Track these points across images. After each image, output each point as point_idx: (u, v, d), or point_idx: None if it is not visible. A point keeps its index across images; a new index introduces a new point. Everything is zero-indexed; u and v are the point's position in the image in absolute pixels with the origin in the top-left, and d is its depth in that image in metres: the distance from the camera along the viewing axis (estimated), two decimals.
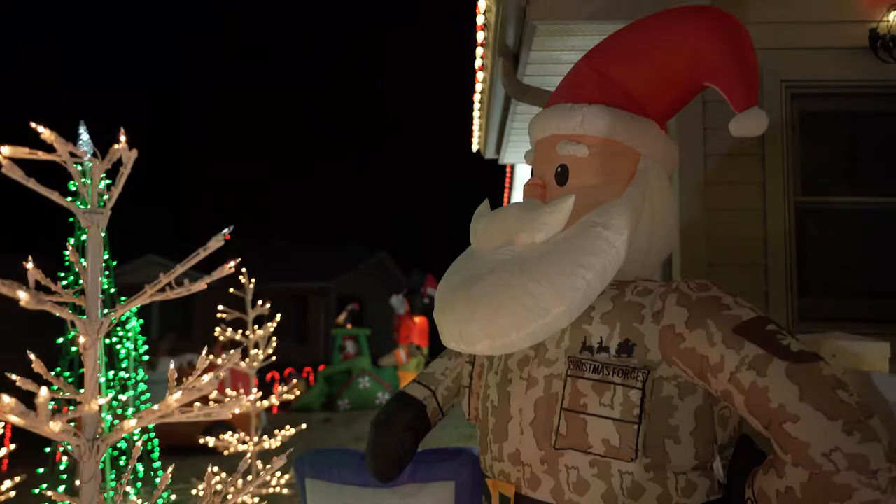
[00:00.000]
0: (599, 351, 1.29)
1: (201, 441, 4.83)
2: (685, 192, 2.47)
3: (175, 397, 0.81)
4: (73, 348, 4.73)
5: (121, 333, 5.13)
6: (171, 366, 0.95)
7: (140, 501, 4.04)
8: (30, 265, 0.80)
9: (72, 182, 3.75)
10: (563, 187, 1.42)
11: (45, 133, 0.83)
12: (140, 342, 5.34)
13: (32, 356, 0.91)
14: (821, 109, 2.54)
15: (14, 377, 0.92)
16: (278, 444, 4.44)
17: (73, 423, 0.83)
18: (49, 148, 0.87)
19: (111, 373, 4.80)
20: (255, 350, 4.48)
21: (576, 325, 1.33)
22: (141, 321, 5.34)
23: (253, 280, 4.58)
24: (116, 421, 4.50)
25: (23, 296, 0.73)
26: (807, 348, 1.15)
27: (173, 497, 5.05)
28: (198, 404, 0.87)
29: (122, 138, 0.87)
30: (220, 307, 4.54)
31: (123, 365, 5.12)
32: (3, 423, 2.10)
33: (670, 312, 1.25)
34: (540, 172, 1.48)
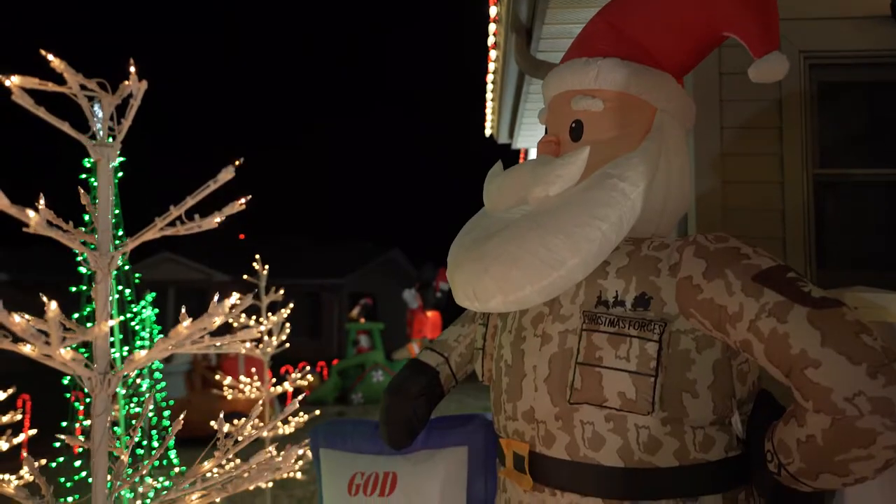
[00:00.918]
0: (615, 305, 1.26)
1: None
2: (701, 164, 2.43)
3: (185, 324, 0.80)
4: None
5: (136, 323, 5.16)
6: (186, 357, 0.95)
7: (158, 482, 4.06)
8: (41, 204, 0.80)
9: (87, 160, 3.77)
10: (578, 143, 1.40)
11: (54, 62, 0.83)
12: (156, 331, 5.38)
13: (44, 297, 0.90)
14: (840, 80, 2.49)
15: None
16: (292, 430, 4.46)
17: (85, 353, 0.83)
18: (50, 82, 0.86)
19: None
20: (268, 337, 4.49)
21: (591, 280, 1.31)
22: (156, 310, 5.38)
23: (266, 267, 4.59)
24: (136, 409, 4.51)
25: (32, 215, 0.72)
26: (829, 295, 1.12)
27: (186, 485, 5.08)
28: (208, 336, 0.86)
29: (132, 69, 0.86)
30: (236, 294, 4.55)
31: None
32: (21, 413, 2.12)
33: (688, 264, 1.23)
34: (554, 129, 1.46)
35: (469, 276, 1.37)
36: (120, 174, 3.87)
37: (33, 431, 2.46)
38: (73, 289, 4.65)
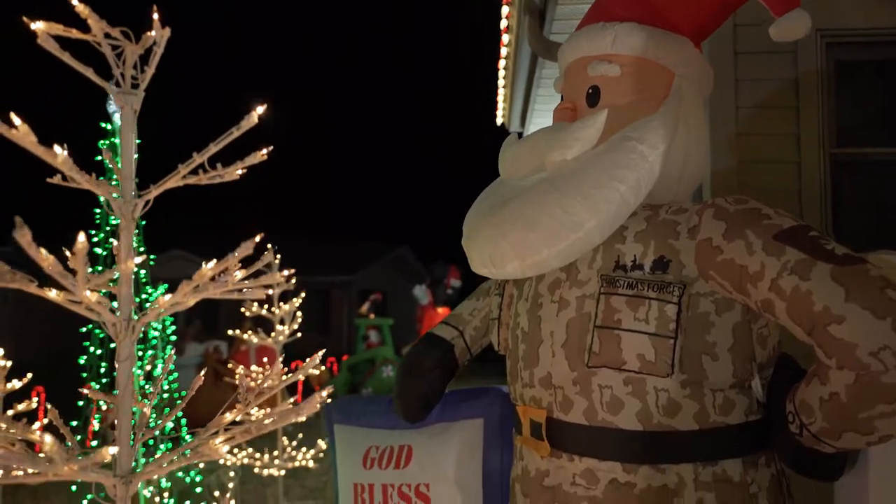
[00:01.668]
0: (633, 269, 1.26)
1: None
2: (717, 144, 2.41)
3: (209, 266, 0.80)
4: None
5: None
6: (197, 350, 0.96)
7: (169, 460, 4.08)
8: (63, 152, 0.80)
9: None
10: (595, 109, 1.39)
11: (78, 6, 0.83)
12: (168, 321, 5.41)
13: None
14: (857, 59, 2.47)
15: None
16: (304, 419, 4.48)
17: (112, 299, 0.83)
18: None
19: (140, 352, 4.87)
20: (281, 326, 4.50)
21: (608, 245, 1.30)
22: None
23: (279, 256, 4.60)
24: (143, 399, 4.53)
25: (59, 152, 0.73)
26: (852, 253, 1.11)
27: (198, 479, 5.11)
28: (231, 281, 0.86)
29: (156, 16, 0.86)
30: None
31: (153, 343, 5.18)
32: (36, 399, 2.13)
33: (707, 226, 1.22)
34: (570, 96, 1.45)
35: (486, 242, 1.36)
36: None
37: (47, 420, 2.48)
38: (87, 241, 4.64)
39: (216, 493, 4.85)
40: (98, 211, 4.01)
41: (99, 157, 4.03)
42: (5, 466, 0.69)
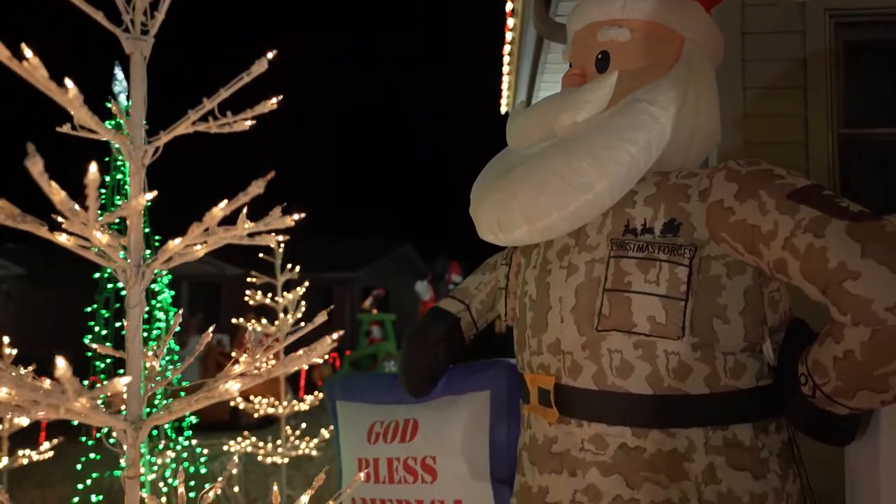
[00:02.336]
0: (643, 233, 1.25)
1: (234, 404, 4.87)
2: (724, 125, 2.37)
3: (220, 206, 0.79)
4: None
5: (154, 303, 5.19)
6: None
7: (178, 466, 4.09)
8: (74, 87, 0.78)
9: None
10: (604, 74, 1.38)
11: None
12: (171, 313, 5.41)
13: None
14: (866, 39, 2.45)
15: None
16: (307, 408, 4.48)
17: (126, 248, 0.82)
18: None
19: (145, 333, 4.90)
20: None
21: (617, 210, 1.29)
22: (172, 293, 5.41)
23: (283, 245, 4.60)
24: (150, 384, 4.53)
25: (70, 86, 0.72)
26: (867, 210, 1.10)
27: (202, 471, 5.12)
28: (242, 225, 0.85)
29: None
30: (252, 275, 4.57)
31: (155, 334, 5.19)
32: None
33: (719, 188, 1.21)
34: (579, 62, 1.44)
35: (494, 206, 1.35)
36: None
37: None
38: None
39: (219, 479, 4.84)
40: (104, 191, 4.01)
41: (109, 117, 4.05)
42: (10, 401, 0.67)
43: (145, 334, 4.83)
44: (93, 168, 0.68)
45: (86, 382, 4.03)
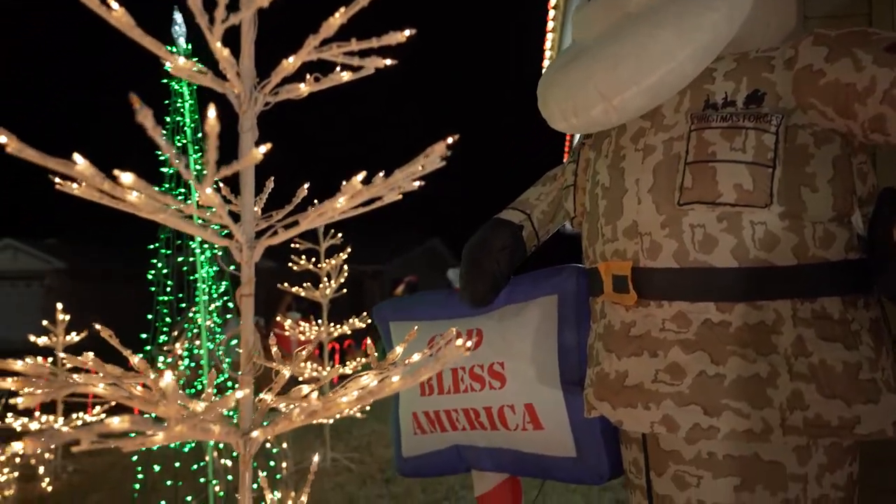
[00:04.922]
0: (725, 106, 1.23)
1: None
2: None
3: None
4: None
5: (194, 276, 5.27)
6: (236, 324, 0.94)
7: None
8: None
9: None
10: None
11: None
12: (213, 289, 5.47)
13: None
14: None
15: None
16: (350, 371, 4.53)
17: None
18: None
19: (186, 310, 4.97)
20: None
21: (695, 86, 1.27)
22: (216, 267, 5.48)
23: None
24: (192, 363, 4.61)
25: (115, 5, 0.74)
26: None
27: None
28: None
29: None
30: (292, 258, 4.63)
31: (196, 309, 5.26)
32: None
33: (806, 54, 1.19)
34: None
35: (568, 89, 1.33)
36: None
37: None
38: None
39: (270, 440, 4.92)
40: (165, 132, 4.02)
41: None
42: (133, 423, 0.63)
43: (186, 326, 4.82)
44: (211, 112, 0.66)
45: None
